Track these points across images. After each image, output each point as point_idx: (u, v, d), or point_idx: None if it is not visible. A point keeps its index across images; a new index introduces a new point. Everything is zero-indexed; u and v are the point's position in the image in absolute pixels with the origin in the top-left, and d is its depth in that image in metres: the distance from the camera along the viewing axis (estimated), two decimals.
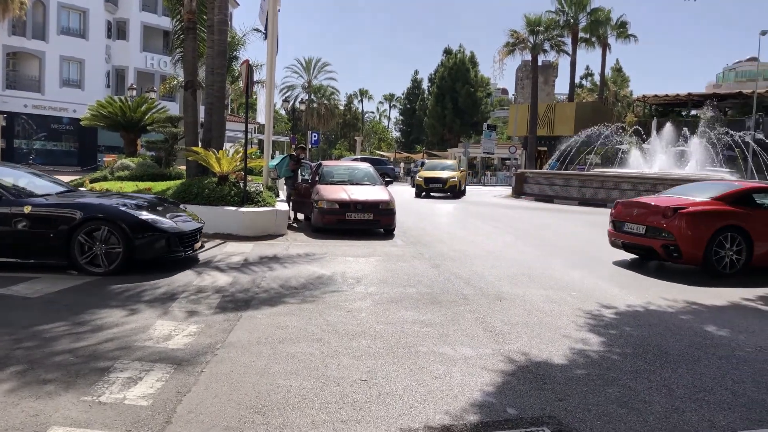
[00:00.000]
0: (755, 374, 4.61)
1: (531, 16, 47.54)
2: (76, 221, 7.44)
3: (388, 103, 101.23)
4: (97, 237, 7.46)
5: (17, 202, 7.55)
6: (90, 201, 8.17)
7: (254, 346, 4.92)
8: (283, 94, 68.23)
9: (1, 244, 7.53)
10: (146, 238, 7.69)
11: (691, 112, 49.93)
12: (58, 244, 7.43)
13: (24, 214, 7.42)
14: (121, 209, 7.82)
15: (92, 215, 7.55)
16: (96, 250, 7.46)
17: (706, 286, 8.02)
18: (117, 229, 7.48)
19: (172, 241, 7.97)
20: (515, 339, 5.34)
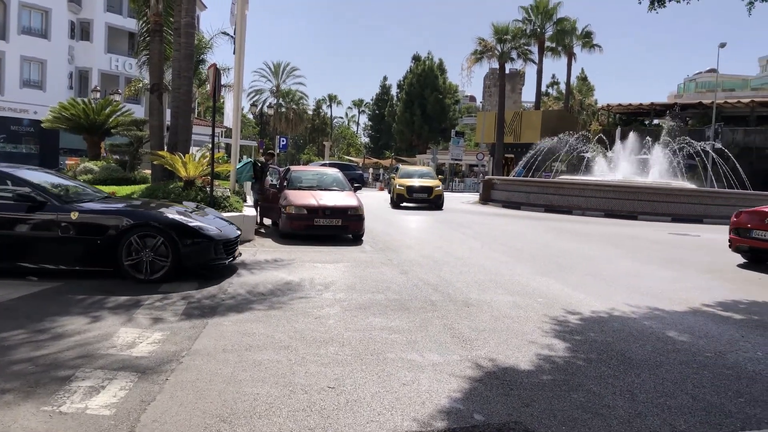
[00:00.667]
0: (714, 379, 4.73)
1: (499, 24, 48.17)
2: (124, 228, 7.38)
3: (357, 109, 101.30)
4: (145, 244, 7.41)
5: (64, 209, 7.43)
6: (136, 208, 8.09)
7: (220, 353, 4.86)
8: (251, 98, 67.93)
9: (46, 251, 7.42)
10: (193, 245, 7.65)
11: (654, 122, 51.17)
12: (105, 251, 7.36)
13: (71, 221, 7.33)
14: (169, 215, 7.82)
15: (140, 222, 7.50)
16: (143, 256, 7.40)
17: (669, 292, 8.20)
18: (165, 235, 7.46)
19: (217, 248, 7.91)
20: (482, 345, 5.38)
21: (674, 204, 22.24)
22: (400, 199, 22.74)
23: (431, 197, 22.47)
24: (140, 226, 7.46)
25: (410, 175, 24.16)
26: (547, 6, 50.56)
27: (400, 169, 26.18)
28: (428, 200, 22.49)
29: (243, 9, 14.23)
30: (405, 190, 22.57)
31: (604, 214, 22.03)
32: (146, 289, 6.99)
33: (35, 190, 7.52)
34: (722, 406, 4.18)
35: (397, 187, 22.91)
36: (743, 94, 51.31)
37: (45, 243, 7.39)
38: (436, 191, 22.54)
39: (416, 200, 22.52)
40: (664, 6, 10.45)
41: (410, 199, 22.54)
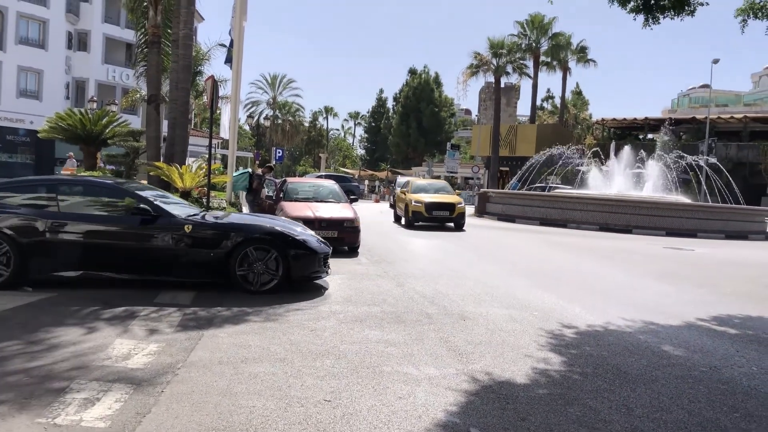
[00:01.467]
0: (710, 393, 4.74)
1: (494, 39, 48.57)
2: (237, 241, 7.61)
3: (353, 121, 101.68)
4: (256, 256, 7.63)
5: (178, 222, 7.65)
6: (247, 221, 8.54)
7: (216, 365, 4.85)
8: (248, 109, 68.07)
9: (161, 264, 7.65)
10: (301, 258, 7.89)
11: (648, 136, 51.48)
12: (217, 263, 7.57)
13: (186, 234, 7.56)
14: (278, 229, 8.09)
15: (252, 235, 7.77)
16: (255, 268, 7.62)
17: (664, 306, 8.23)
18: (276, 248, 7.70)
19: (319, 261, 8.14)
20: (479, 358, 5.38)
21: (669, 218, 22.33)
22: (417, 217, 19.17)
23: (453, 215, 19.20)
24: (253, 239, 7.71)
25: (425, 190, 20.72)
26: (542, 21, 51.02)
27: (412, 182, 21.78)
28: (450, 219, 19.30)
29: (241, 21, 14.31)
30: (423, 207, 18.94)
31: (599, 227, 22.10)
32: (141, 300, 6.97)
33: (150, 204, 7.77)
34: (717, 421, 4.19)
35: (413, 204, 19.10)
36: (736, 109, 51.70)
37: (163, 255, 7.64)
38: (458, 209, 19.22)
39: (436, 219, 19.16)
40: (659, 22, 10.54)
41: (429, 217, 19.05)
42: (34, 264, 7.40)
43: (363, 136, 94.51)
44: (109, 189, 8.31)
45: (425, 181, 24.68)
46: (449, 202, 19.35)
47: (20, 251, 7.29)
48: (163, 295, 7.28)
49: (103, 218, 7.80)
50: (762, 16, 10.91)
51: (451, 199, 19.70)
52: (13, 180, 8.97)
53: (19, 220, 7.42)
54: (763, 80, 67.77)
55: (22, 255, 7.31)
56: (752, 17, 10.99)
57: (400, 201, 20.87)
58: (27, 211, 7.55)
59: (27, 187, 8.37)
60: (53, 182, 8.46)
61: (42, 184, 8.41)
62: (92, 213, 7.84)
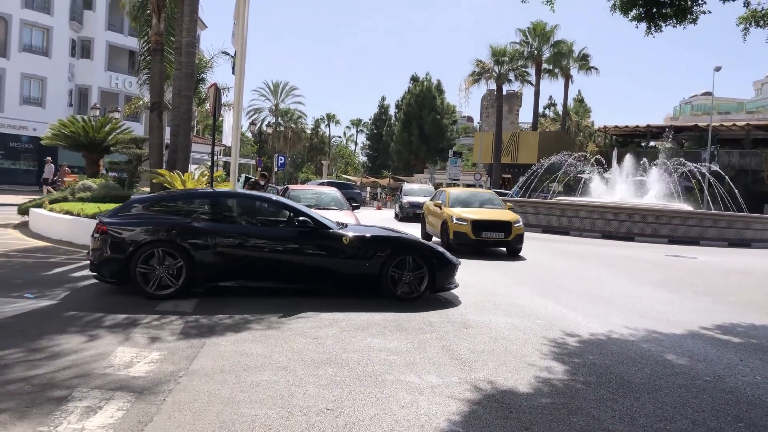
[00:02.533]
0: (714, 403, 4.71)
1: (496, 46, 48.63)
2: (389, 252, 8.01)
3: (355, 128, 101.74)
4: (406, 267, 8.02)
5: (337, 234, 8.03)
6: (393, 233, 8.89)
7: (218, 374, 4.83)
8: (250, 116, 68.15)
9: (317, 273, 8.00)
10: (444, 269, 8.26)
11: (650, 143, 51.49)
12: (371, 273, 7.95)
13: (345, 245, 7.95)
14: (421, 241, 8.72)
15: (401, 247, 8.19)
16: (405, 278, 8.01)
17: (667, 314, 8.20)
18: (424, 259, 8.11)
19: (454, 272, 8.48)
20: (481, 367, 5.36)
21: (671, 226, 22.30)
22: (460, 239, 14.04)
23: (509, 238, 13.99)
24: (401, 251, 8.09)
25: (467, 202, 15.82)
26: (545, 29, 51.13)
27: (448, 193, 16.59)
28: (505, 243, 14.19)
29: (243, 29, 14.35)
30: (469, 226, 13.94)
31: (601, 235, 22.06)
32: (143, 308, 6.96)
33: (309, 217, 8.11)
34: (722, 430, 4.16)
35: (455, 222, 14.14)
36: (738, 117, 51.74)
37: (319, 265, 7.99)
38: (515, 229, 14.05)
39: (487, 242, 14.19)
40: (661, 30, 10.56)
41: (477, 240, 13.98)
42: (201, 275, 7.60)
43: (365, 143, 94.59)
44: (268, 202, 8.77)
45: (466, 190, 18.80)
46: (503, 220, 14.14)
47: (191, 263, 7.48)
48: (165, 303, 7.26)
49: (265, 230, 8.10)
50: (764, 24, 10.93)
51: (504, 215, 14.54)
52: (175, 192, 9.41)
53: (190, 233, 7.61)
54: (765, 87, 67.83)
55: (193, 267, 7.50)
56: (754, 25, 11.02)
57: (432, 216, 16.14)
58: (197, 224, 7.76)
59: (188, 199, 8.64)
60: (215, 195, 8.70)
61: (204, 197, 8.62)
62: (255, 225, 8.22)
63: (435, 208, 15.95)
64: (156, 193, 9.34)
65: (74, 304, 7.10)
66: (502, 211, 15.15)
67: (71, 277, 8.96)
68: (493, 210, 15.26)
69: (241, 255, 7.78)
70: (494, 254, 14.62)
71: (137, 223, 7.67)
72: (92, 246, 7.77)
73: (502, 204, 16.24)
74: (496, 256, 14.28)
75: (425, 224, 17.03)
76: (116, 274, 7.53)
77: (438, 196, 17.34)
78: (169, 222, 7.75)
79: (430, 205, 17.01)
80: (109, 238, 7.52)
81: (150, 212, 7.98)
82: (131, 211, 7.97)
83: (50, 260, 10.41)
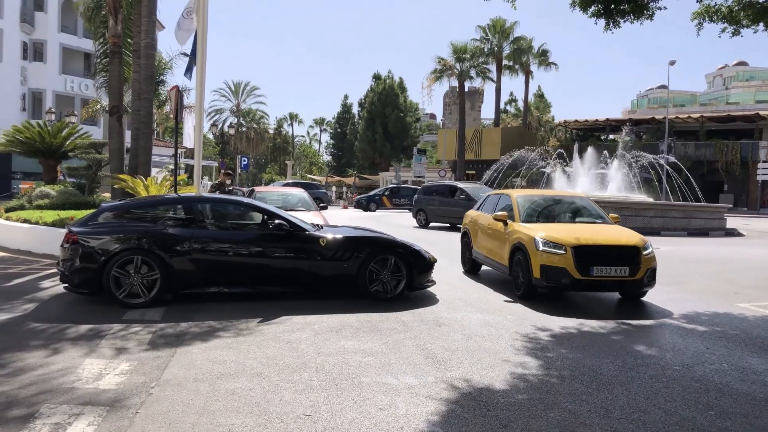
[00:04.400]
0: (684, 392, 4.81)
1: (457, 43, 48.99)
2: (367, 252, 7.99)
3: (318, 127, 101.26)
4: (384, 267, 8.03)
5: (313, 236, 7.98)
6: (370, 233, 8.85)
7: (191, 383, 4.74)
8: (211, 117, 67.37)
9: (295, 277, 7.93)
10: (421, 268, 8.27)
11: (610, 136, 52.53)
12: (351, 275, 7.93)
13: (322, 247, 7.89)
14: (399, 240, 8.53)
15: (378, 247, 8.16)
16: (383, 278, 8.01)
17: (632, 307, 8.36)
18: (401, 258, 8.12)
19: (431, 270, 8.51)
20: (457, 365, 5.37)
21: (633, 217, 22.71)
22: (555, 277, 8.11)
23: (637, 276, 8.11)
24: (380, 251, 8.09)
25: (551, 214, 9.94)
26: (504, 25, 51.70)
27: (513, 197, 9.97)
28: (630, 283, 8.22)
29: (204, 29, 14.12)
30: (570, 257, 8.00)
31: None
32: (109, 318, 6.79)
33: (286, 220, 8.00)
34: (694, 419, 4.25)
35: (542, 251, 8.23)
36: (693, 109, 53.17)
37: (297, 268, 7.93)
38: (645, 260, 8.21)
39: (603, 284, 8.28)
40: (619, 26, 10.76)
41: (587, 280, 8.02)
42: (177, 282, 7.50)
43: (329, 143, 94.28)
44: (243, 206, 8.64)
45: (544, 194, 11.42)
46: (625, 245, 8.34)
47: (166, 270, 7.36)
48: (132, 312, 7.10)
49: (241, 234, 8.04)
50: (717, 19, 11.22)
51: (621, 235, 8.70)
52: (147, 198, 9.33)
53: (163, 239, 7.47)
54: (717, 80, 69.85)
55: (168, 274, 7.38)
56: (707, 20, 11.30)
57: (488, 237, 10.32)
58: (171, 231, 7.64)
59: (161, 205, 8.49)
60: (189, 201, 8.55)
61: (178, 202, 8.57)
62: (230, 230, 8.12)
63: (494, 223, 9.82)
64: (127, 200, 9.16)
65: (36, 316, 6.89)
66: (614, 229, 9.04)
67: (32, 288, 8.68)
68: (599, 226, 9.28)
69: (217, 260, 7.69)
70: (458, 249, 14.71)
71: (109, 232, 7.51)
72: (62, 256, 7.60)
73: (604, 214, 9.98)
74: None
75: (470, 246, 11.26)
76: (88, 284, 7.37)
77: (493, 202, 10.88)
78: (142, 229, 7.59)
79: (480, 218, 10.99)
80: (80, 247, 7.36)
81: (122, 220, 7.80)
82: (102, 220, 7.80)
83: (8, 271, 10.07)
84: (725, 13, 10.96)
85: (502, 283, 9.76)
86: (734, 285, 10.49)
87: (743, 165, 42.61)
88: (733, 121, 46.67)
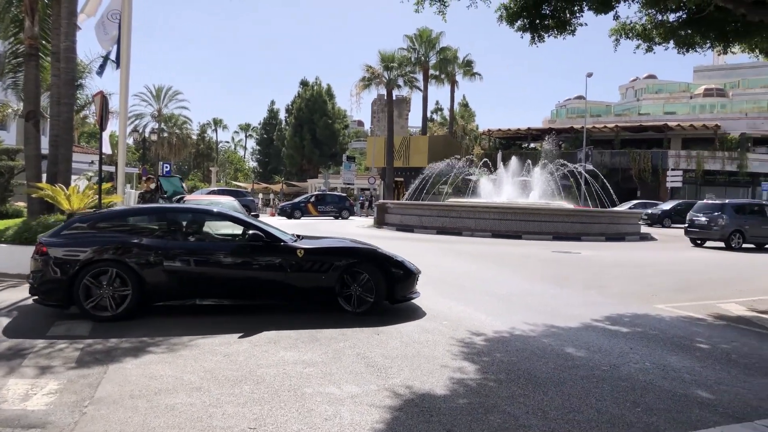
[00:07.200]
0: (613, 391, 5.07)
1: (385, 52, 49.51)
2: (346, 262, 7.76)
3: (244, 133, 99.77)
4: (363, 278, 7.75)
5: (290, 247, 7.72)
6: (350, 243, 8.72)
7: (127, 400, 4.58)
8: (131, 122, 64.98)
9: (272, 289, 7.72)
10: (403, 280, 8.04)
11: (531, 145, 54.42)
12: (329, 287, 7.70)
13: (299, 258, 7.64)
14: (379, 251, 8.28)
15: (357, 258, 7.90)
16: (363, 290, 7.75)
17: (561, 309, 8.70)
18: (380, 269, 7.86)
19: (415, 282, 8.28)
20: (397, 373, 5.44)
21: (555, 223, 23.65)
22: None
23: None
24: (359, 262, 7.84)
25: None
26: (430, 35, 52.64)
27: None
28: None
29: (129, 32, 13.68)
30: None
31: (491, 234, 23.00)
32: (32, 333, 6.47)
33: (262, 231, 7.79)
34: (623, 417, 4.49)
35: None
36: (608, 119, 55.77)
37: (274, 280, 7.67)
38: None
39: None
40: (544, 41, 11.24)
41: None
42: (149, 294, 7.33)
43: (255, 149, 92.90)
44: (218, 216, 8.42)
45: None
46: None
47: (139, 282, 7.19)
48: (56, 327, 6.80)
49: (215, 245, 7.83)
50: (632, 36, 11.91)
51: None
52: (119, 209, 9.08)
53: (135, 251, 7.29)
54: (629, 92, 73.57)
55: (141, 286, 7.21)
56: (624, 37, 11.97)
57: None
58: (144, 242, 7.43)
59: (133, 215, 8.42)
60: (162, 211, 8.38)
61: (151, 213, 8.53)
62: (204, 241, 7.91)
63: None
64: (100, 211, 8.97)
65: None
66: None
67: None
68: None
69: (191, 272, 7.50)
70: None
71: (80, 243, 7.36)
72: (32, 268, 7.40)
73: None
74: None
75: None
76: (58, 296, 7.20)
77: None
78: (114, 240, 7.41)
79: None
80: (51, 259, 7.20)
81: (94, 231, 7.61)
82: (73, 231, 7.61)
83: None
84: (639, 31, 11.67)
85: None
86: (651, 287, 11.11)
87: (654, 172, 45.12)
88: (645, 131, 49.39)
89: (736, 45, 11.98)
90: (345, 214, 36.64)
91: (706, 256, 18.04)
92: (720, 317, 8.51)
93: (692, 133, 48.55)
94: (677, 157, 46.23)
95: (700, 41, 11.61)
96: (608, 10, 10.86)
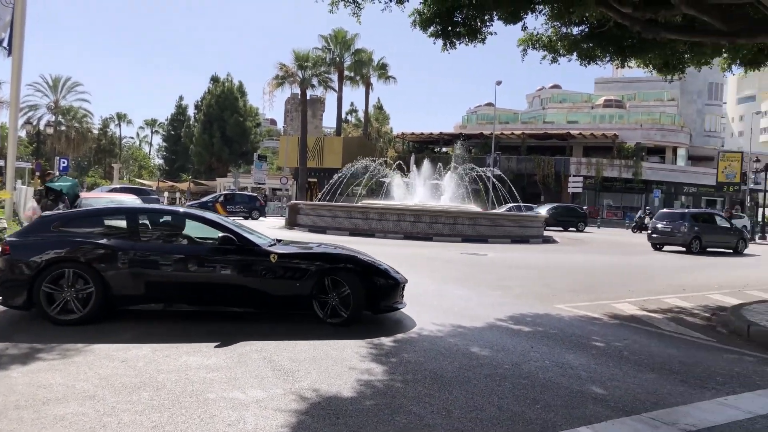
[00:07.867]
0: (514, 389, 5.24)
1: (300, 51, 49.14)
2: (322, 269, 7.38)
3: (149, 129, 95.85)
4: (342, 286, 7.34)
5: (262, 252, 7.35)
6: (329, 249, 8.33)
7: (12, 410, 4.27)
8: (24, 113, 61.00)
9: (245, 294, 7.32)
10: (387, 288, 7.65)
11: (443, 149, 55.65)
12: (304, 295, 7.32)
13: (272, 264, 7.29)
14: (361, 257, 7.82)
15: (336, 264, 7.53)
16: (340, 298, 7.33)
17: (468, 309, 8.92)
18: (363, 277, 7.48)
19: (400, 292, 7.87)
20: (304, 376, 5.38)
21: (463, 225, 24.27)
22: None
23: None
24: (336, 269, 7.46)
25: None
26: (345, 37, 52.77)
27: None
28: None
29: (23, 18, 12.81)
30: None
31: (404, 236, 23.28)
32: None
33: (234, 234, 7.41)
34: (523, 414, 4.65)
35: None
36: (515, 126, 57.96)
37: (247, 286, 7.30)
38: None
39: None
40: (455, 47, 11.49)
41: None
42: (114, 298, 7.03)
43: (161, 145, 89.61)
44: (188, 217, 8.02)
45: None
46: None
47: (103, 285, 6.90)
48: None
49: (185, 248, 7.47)
50: (539, 47, 12.40)
51: None
52: (86, 209, 8.78)
53: (100, 252, 6.99)
54: (536, 101, 76.74)
55: (105, 290, 6.91)
56: (531, 47, 12.45)
57: None
58: (109, 243, 7.11)
59: (101, 216, 8.07)
60: (130, 212, 7.91)
61: (118, 213, 8.09)
62: (173, 243, 7.61)
63: None
64: (67, 211, 8.61)
65: None
66: None
67: None
68: None
69: (158, 276, 7.17)
70: None
71: (43, 244, 7.06)
72: None
73: None
74: None
75: None
76: (18, 298, 6.93)
77: None
78: (79, 241, 7.05)
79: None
80: (11, 259, 6.95)
81: (59, 231, 7.23)
82: (39, 231, 7.27)
83: None
84: (546, 42, 12.17)
85: None
86: (551, 288, 11.60)
87: (557, 178, 47.35)
88: (550, 139, 51.71)
89: (633, 59, 12.75)
90: (255, 215, 35.97)
91: (604, 260, 19.06)
92: (614, 316, 9.00)
93: (593, 142, 51.34)
94: (578, 164, 48.73)
95: (600, 54, 12.26)
96: (517, 21, 11.24)
